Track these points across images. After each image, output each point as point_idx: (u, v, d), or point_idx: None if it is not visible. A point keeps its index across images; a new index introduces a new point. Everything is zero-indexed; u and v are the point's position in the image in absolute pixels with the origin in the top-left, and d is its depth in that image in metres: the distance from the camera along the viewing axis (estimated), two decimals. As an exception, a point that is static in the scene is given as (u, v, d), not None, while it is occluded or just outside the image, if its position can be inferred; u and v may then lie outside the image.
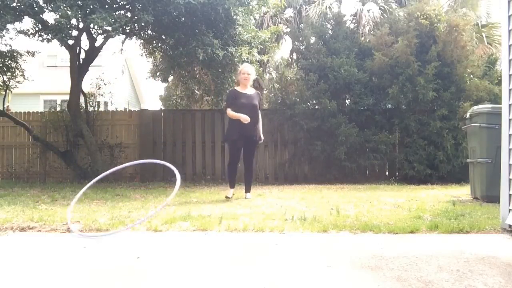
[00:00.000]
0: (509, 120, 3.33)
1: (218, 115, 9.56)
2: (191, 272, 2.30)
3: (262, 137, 5.78)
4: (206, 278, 2.19)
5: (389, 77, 8.71)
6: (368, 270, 2.27)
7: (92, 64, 8.79)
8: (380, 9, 13.37)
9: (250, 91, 5.71)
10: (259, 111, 5.74)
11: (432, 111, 8.62)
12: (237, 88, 5.74)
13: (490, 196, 4.92)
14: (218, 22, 7.88)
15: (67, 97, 8.89)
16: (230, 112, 5.57)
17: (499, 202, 3.47)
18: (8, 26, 7.20)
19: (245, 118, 5.39)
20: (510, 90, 3.35)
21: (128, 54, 20.97)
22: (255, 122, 5.55)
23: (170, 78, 12.63)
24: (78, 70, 8.48)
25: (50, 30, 7.18)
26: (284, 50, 17.01)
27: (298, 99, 9.05)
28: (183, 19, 7.80)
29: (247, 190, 5.79)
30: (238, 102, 5.54)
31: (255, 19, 9.00)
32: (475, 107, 5.67)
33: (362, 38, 10.16)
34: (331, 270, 2.28)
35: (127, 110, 11.53)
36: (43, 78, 18.99)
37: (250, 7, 8.30)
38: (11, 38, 8.35)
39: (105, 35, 8.04)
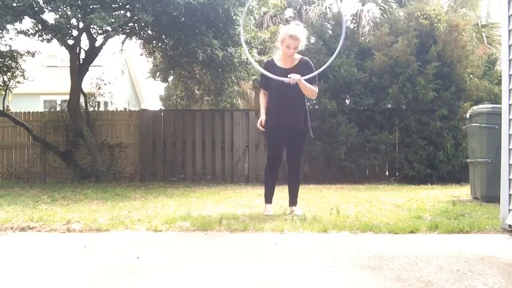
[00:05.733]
0: (509, 120, 3.33)
1: (218, 115, 9.57)
2: (191, 272, 2.30)
3: (296, 77, 3.78)
4: (206, 278, 2.19)
5: (389, 77, 8.72)
6: (368, 270, 2.27)
7: (92, 64, 8.80)
8: (380, 9, 13.35)
9: (293, 61, 4.00)
10: (314, 86, 3.96)
11: (432, 111, 8.63)
12: (275, 59, 4.09)
13: (490, 196, 4.92)
14: (217, 22, 7.89)
15: (67, 97, 8.89)
16: (260, 100, 4.14)
17: (499, 202, 3.47)
18: (8, 26, 7.21)
19: (260, 124, 4.03)
20: (510, 90, 3.35)
21: (128, 54, 20.96)
22: (297, 108, 3.99)
23: (170, 78, 12.62)
24: (78, 70, 8.48)
25: (50, 30, 7.18)
26: (284, 50, 16.98)
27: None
28: (183, 19, 7.80)
29: (292, 201, 4.18)
30: (271, 81, 3.91)
31: (255, 19, 9.00)
32: (475, 107, 5.67)
33: (362, 38, 10.16)
34: (331, 270, 2.28)
35: (127, 110, 11.53)
36: (43, 78, 18.97)
37: (250, 7, 8.30)
38: (11, 38, 8.35)
39: (105, 35, 8.04)
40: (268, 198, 4.19)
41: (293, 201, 4.19)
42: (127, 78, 24.90)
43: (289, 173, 4.25)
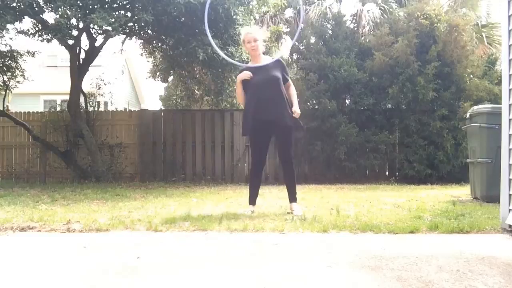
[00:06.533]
0: (509, 120, 3.32)
1: (218, 115, 9.57)
2: (191, 272, 2.30)
3: (298, 111, 4.20)
4: (206, 278, 2.19)
5: (389, 77, 8.72)
6: (368, 270, 2.27)
7: (92, 64, 8.80)
8: (380, 9, 13.34)
9: (265, 60, 4.24)
10: (289, 84, 4.32)
11: (432, 111, 8.63)
12: (249, 64, 4.41)
13: (490, 196, 4.91)
14: (218, 22, 7.89)
15: (67, 97, 8.89)
16: (237, 89, 4.32)
17: (499, 202, 3.47)
18: (8, 26, 7.21)
19: (247, 74, 4.11)
20: (510, 90, 3.35)
21: (128, 54, 20.96)
22: (278, 101, 4.10)
23: (170, 78, 12.64)
24: (78, 70, 8.48)
25: (50, 30, 7.18)
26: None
27: (298, 99, 9.05)
28: (183, 19, 7.80)
29: (291, 198, 4.25)
30: (250, 80, 4.12)
31: (255, 19, 9.01)
32: (475, 107, 5.67)
33: (362, 38, 10.17)
34: (331, 270, 2.28)
35: (127, 110, 11.53)
36: (43, 78, 18.97)
37: (250, 6, 8.31)
38: (11, 38, 8.34)
39: (105, 35, 8.04)
40: (252, 200, 4.32)
41: (292, 197, 4.25)
42: (127, 78, 24.90)
43: (284, 171, 4.42)
